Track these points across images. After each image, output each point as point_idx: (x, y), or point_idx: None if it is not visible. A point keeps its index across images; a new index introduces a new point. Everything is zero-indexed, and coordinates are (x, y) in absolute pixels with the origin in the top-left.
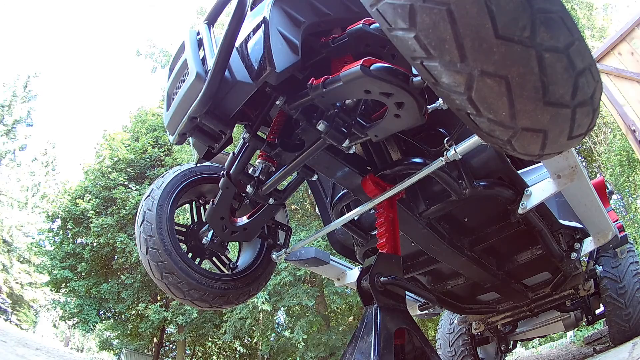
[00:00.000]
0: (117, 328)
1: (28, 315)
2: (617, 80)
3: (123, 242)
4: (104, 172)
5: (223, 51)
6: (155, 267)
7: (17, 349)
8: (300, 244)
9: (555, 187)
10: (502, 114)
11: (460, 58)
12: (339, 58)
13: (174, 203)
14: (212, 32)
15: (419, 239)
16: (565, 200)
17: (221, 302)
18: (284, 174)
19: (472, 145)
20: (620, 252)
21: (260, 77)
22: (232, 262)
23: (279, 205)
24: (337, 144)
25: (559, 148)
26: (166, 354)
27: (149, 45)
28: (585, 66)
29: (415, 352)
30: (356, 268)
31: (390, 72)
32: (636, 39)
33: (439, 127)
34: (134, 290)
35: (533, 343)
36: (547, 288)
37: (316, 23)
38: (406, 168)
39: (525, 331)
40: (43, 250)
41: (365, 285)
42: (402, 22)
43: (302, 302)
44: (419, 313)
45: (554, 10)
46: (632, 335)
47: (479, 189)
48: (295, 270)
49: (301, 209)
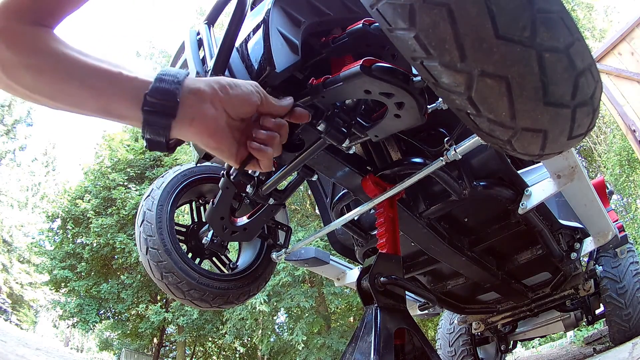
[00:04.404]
0: (117, 328)
1: (28, 315)
2: (617, 80)
3: (123, 242)
4: (103, 173)
5: (223, 51)
6: (155, 267)
7: (17, 349)
8: (300, 244)
9: (555, 187)
10: (502, 114)
11: (460, 58)
12: (339, 58)
13: (174, 203)
14: (212, 32)
15: (419, 239)
16: (565, 200)
17: (221, 302)
18: (284, 174)
19: (472, 145)
20: (620, 252)
21: (260, 77)
22: (232, 262)
23: (279, 205)
24: (337, 144)
25: (559, 148)
26: (166, 354)
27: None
28: (585, 66)
29: (415, 352)
30: (356, 268)
31: (390, 72)
32: (636, 39)
33: (439, 127)
34: (133, 290)
35: (533, 343)
36: (547, 288)
37: (316, 23)
38: (406, 168)
39: (525, 331)
40: (43, 250)
41: (365, 285)
42: (402, 22)
43: (301, 304)
44: (419, 313)
45: (554, 10)
46: (632, 335)
47: (479, 189)
48: (294, 270)
49: (301, 209)
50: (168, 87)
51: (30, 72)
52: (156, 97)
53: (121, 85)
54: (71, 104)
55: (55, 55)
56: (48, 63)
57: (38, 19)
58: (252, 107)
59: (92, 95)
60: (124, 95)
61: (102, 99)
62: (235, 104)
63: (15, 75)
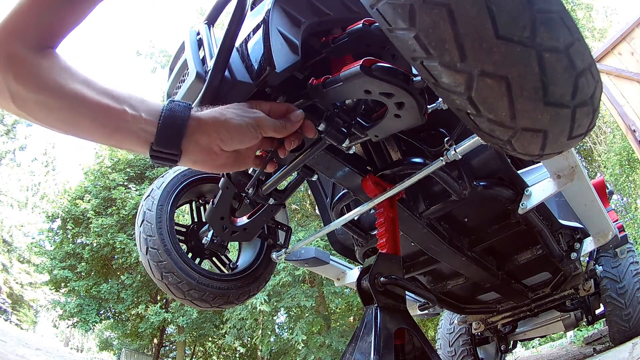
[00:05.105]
0: (117, 328)
1: (28, 315)
2: (617, 80)
3: (123, 242)
4: (103, 173)
5: (223, 51)
6: (155, 267)
7: (17, 349)
8: (300, 244)
9: (555, 187)
10: (502, 114)
11: (460, 58)
12: (339, 58)
13: (174, 203)
14: (212, 32)
15: (419, 239)
16: (565, 200)
17: (221, 302)
18: (284, 174)
19: (472, 145)
20: (620, 252)
21: (260, 77)
22: (232, 262)
23: (279, 205)
24: (337, 144)
25: (559, 148)
26: (166, 354)
27: (149, 45)
28: (585, 66)
29: (415, 352)
30: (356, 268)
31: (390, 72)
32: (636, 39)
33: (439, 127)
34: (133, 291)
35: (533, 343)
36: (547, 288)
37: (316, 23)
38: (406, 168)
39: (525, 331)
40: (43, 250)
41: (365, 285)
42: (402, 22)
43: (301, 303)
44: (419, 313)
45: (554, 10)
46: (632, 335)
47: (479, 189)
48: (294, 270)
49: (301, 209)
50: (172, 138)
51: (39, 108)
52: (161, 147)
53: (129, 127)
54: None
55: (62, 93)
56: (57, 101)
57: (42, 40)
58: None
59: (103, 134)
60: (133, 138)
61: (114, 138)
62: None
63: (26, 108)
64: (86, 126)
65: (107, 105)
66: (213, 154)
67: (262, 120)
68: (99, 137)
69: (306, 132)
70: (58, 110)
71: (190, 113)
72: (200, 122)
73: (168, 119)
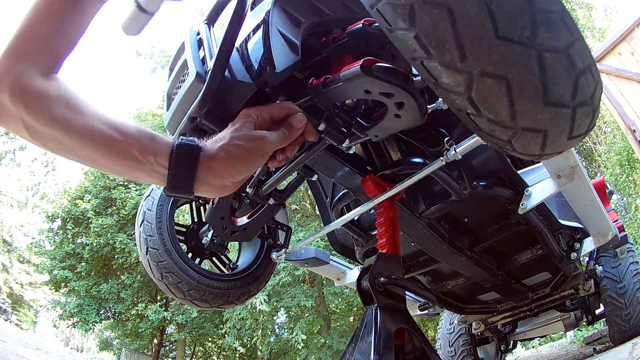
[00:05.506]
0: (117, 328)
1: (28, 315)
2: (617, 80)
3: (123, 242)
4: (103, 173)
5: (223, 51)
6: (155, 267)
7: (17, 349)
8: (300, 244)
9: (555, 187)
10: (502, 114)
11: (460, 58)
12: (339, 58)
13: (174, 203)
14: (212, 32)
15: (419, 239)
16: (565, 200)
17: (221, 302)
18: (284, 174)
19: (472, 145)
20: (620, 252)
21: (260, 77)
22: (232, 262)
23: (279, 205)
24: (337, 144)
25: (559, 148)
26: (166, 354)
27: (149, 45)
28: (585, 66)
29: (415, 352)
30: (356, 268)
31: (390, 72)
32: (636, 39)
33: (439, 127)
34: (133, 290)
35: (533, 343)
36: (547, 288)
37: (316, 23)
38: (406, 168)
39: (525, 331)
40: (43, 250)
41: (365, 285)
42: (402, 22)
43: (301, 303)
44: (419, 313)
45: (554, 10)
46: (632, 335)
47: (479, 189)
48: (294, 270)
49: (301, 209)
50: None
51: (51, 141)
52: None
53: (142, 168)
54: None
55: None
56: (67, 138)
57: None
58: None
59: (119, 171)
60: (147, 178)
61: (129, 175)
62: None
63: (40, 140)
64: (101, 163)
65: (117, 143)
66: (225, 187)
67: (267, 143)
68: (116, 173)
69: (307, 135)
70: (71, 146)
71: (199, 158)
72: (210, 165)
73: (178, 169)
